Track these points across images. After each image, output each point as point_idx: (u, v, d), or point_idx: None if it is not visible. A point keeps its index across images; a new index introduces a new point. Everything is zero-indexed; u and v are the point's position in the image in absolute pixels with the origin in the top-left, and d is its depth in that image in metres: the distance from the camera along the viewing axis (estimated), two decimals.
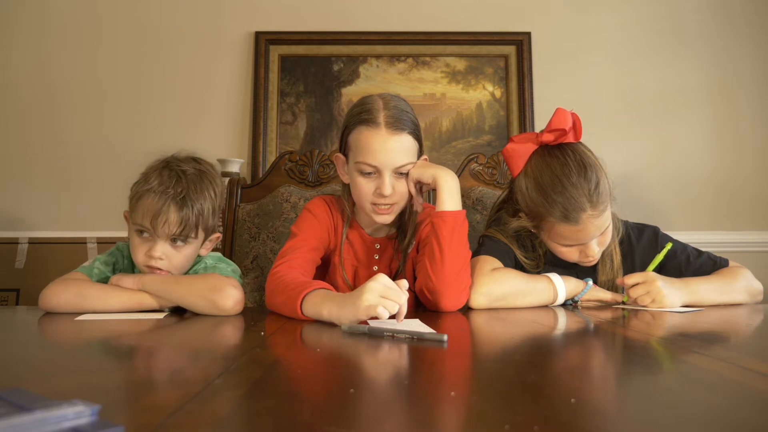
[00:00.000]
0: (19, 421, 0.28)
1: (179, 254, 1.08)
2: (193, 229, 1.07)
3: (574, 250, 1.12)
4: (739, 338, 0.76)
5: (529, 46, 2.24)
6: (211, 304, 0.96)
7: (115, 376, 0.51)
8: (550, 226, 1.09)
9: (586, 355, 0.63)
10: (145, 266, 1.07)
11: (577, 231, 1.06)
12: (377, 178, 1.07)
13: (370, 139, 1.05)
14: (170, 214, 1.04)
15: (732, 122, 2.23)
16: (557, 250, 1.14)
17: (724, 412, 0.37)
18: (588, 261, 1.13)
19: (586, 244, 1.10)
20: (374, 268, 1.19)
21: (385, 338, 0.68)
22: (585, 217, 1.04)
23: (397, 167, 1.06)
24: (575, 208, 1.04)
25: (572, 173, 1.05)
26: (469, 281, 1.05)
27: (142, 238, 1.08)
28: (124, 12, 2.26)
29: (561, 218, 1.05)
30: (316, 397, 0.42)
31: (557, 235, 1.10)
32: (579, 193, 1.04)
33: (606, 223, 1.09)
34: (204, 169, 1.14)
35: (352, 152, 1.10)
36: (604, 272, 1.20)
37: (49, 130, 2.20)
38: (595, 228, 1.06)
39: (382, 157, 1.05)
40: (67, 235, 2.09)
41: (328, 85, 2.24)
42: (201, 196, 1.09)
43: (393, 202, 1.09)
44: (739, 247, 2.13)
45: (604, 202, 1.06)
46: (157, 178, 1.09)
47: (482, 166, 1.81)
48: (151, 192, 1.06)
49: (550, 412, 0.37)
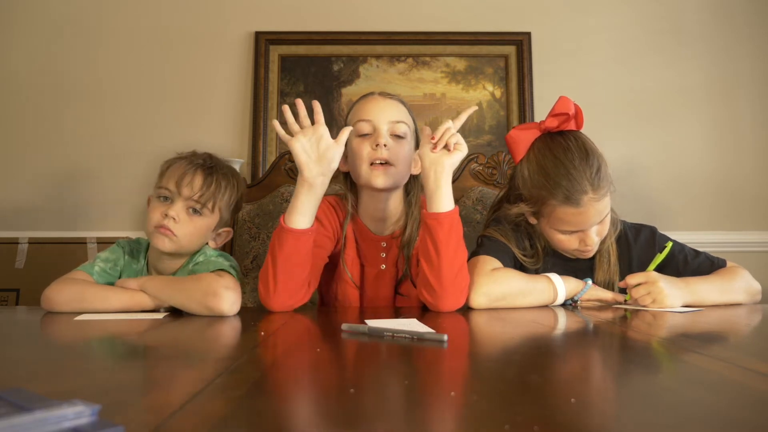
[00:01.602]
0: (19, 421, 0.28)
1: (191, 223, 1.11)
2: (211, 199, 1.12)
3: (573, 239, 1.12)
4: (739, 338, 0.76)
5: (529, 46, 2.24)
6: (207, 309, 0.97)
7: (115, 376, 0.51)
8: (551, 210, 1.09)
9: (586, 355, 0.63)
10: (156, 227, 1.09)
11: (577, 214, 1.06)
12: (373, 139, 1.11)
13: (365, 104, 1.15)
14: (195, 178, 1.12)
15: (732, 122, 2.23)
16: (556, 239, 1.14)
17: (724, 412, 0.37)
18: (586, 250, 1.13)
19: (585, 232, 1.10)
20: (381, 266, 1.19)
21: (385, 338, 0.68)
22: (586, 199, 1.05)
23: (392, 120, 1.11)
24: (577, 190, 1.05)
25: (575, 157, 1.07)
26: (467, 281, 1.05)
27: (161, 203, 1.12)
28: (124, 12, 2.26)
29: (563, 200, 1.06)
30: (316, 397, 0.42)
31: (557, 220, 1.09)
32: (581, 176, 1.05)
33: (606, 209, 1.09)
34: (234, 170, 1.23)
35: (351, 124, 1.15)
36: (601, 269, 1.19)
37: (49, 129, 2.20)
38: (595, 212, 1.07)
39: (377, 111, 1.12)
40: (67, 235, 2.09)
41: (328, 85, 2.24)
42: (226, 179, 1.17)
43: (389, 160, 1.10)
44: (739, 247, 2.13)
45: (605, 186, 1.07)
46: (189, 153, 1.19)
47: (482, 166, 1.81)
48: (182, 159, 1.16)
49: (550, 412, 0.37)
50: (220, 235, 1.20)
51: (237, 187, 1.19)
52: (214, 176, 1.14)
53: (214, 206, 1.13)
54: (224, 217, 1.18)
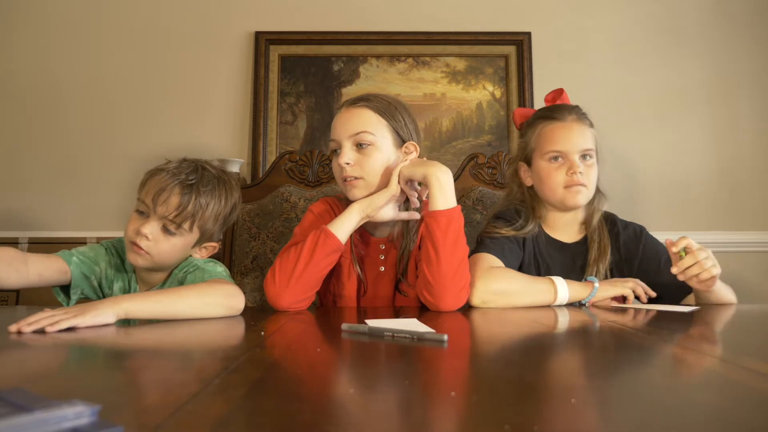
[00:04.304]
0: (19, 421, 0.28)
1: (166, 242, 1.06)
2: (188, 219, 1.06)
3: (561, 170, 1.20)
4: (739, 338, 0.76)
5: (529, 46, 2.24)
6: (230, 309, 0.94)
7: (115, 376, 0.51)
8: (539, 135, 1.23)
9: (586, 355, 0.63)
10: (130, 242, 1.06)
11: (562, 128, 1.20)
12: (340, 157, 1.12)
13: (335, 120, 1.16)
14: (172, 196, 1.04)
15: (732, 122, 2.23)
16: (545, 174, 1.21)
17: (725, 413, 0.37)
18: (573, 183, 1.19)
19: (571, 160, 1.19)
20: (381, 269, 1.19)
21: (385, 338, 0.68)
22: (571, 118, 1.21)
23: (353, 134, 1.11)
24: (562, 110, 1.23)
25: (563, 105, 1.26)
26: (467, 279, 1.04)
27: (139, 215, 1.07)
28: (124, 12, 2.26)
29: (549, 117, 1.23)
30: (316, 397, 0.42)
31: (545, 141, 1.21)
32: (565, 106, 1.25)
33: (589, 144, 1.21)
34: (225, 178, 1.14)
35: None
36: (593, 248, 1.22)
37: (49, 130, 2.20)
38: (579, 133, 1.20)
39: (338, 128, 1.14)
40: (67, 235, 2.09)
41: (328, 85, 2.24)
42: (210, 195, 1.09)
43: (357, 175, 1.11)
44: (739, 247, 2.13)
45: (587, 121, 1.24)
46: (176, 163, 1.11)
47: (482, 166, 1.81)
48: (164, 171, 1.08)
49: (550, 412, 0.37)
50: (206, 248, 1.15)
51: (226, 199, 1.12)
52: (193, 194, 1.05)
53: (192, 225, 1.07)
54: (209, 231, 1.12)
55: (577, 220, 1.27)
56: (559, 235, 1.27)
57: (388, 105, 1.15)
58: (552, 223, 1.27)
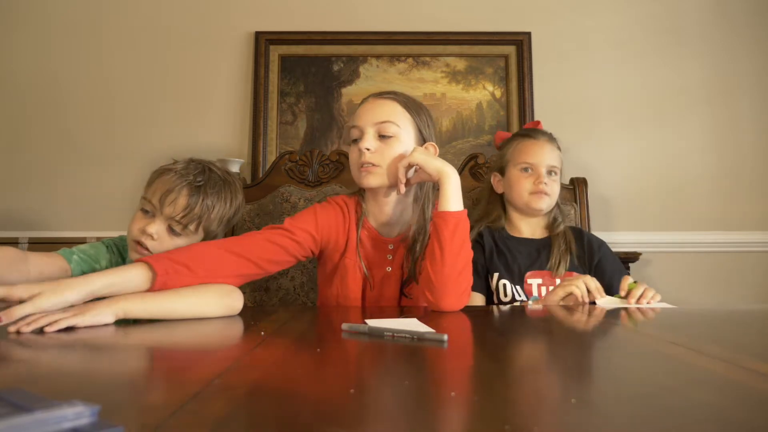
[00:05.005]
0: (19, 421, 0.28)
1: (170, 242, 1.06)
2: (195, 221, 1.06)
3: (529, 179, 1.35)
4: (739, 338, 0.76)
5: (529, 46, 2.24)
6: (229, 309, 0.94)
7: (115, 376, 0.51)
8: (513, 150, 1.39)
9: (586, 355, 0.63)
10: (134, 241, 1.05)
11: (534, 145, 1.37)
12: (360, 143, 1.12)
13: (358, 108, 1.17)
14: (180, 197, 1.05)
15: (732, 122, 2.23)
16: (514, 181, 1.37)
17: (725, 413, 0.37)
18: (538, 191, 1.34)
19: (539, 172, 1.34)
20: (387, 269, 1.19)
21: (385, 338, 0.68)
22: (543, 139, 1.38)
23: (378, 122, 1.11)
24: (537, 131, 1.41)
25: (537, 130, 1.43)
26: (470, 282, 1.05)
27: (144, 214, 1.07)
28: (124, 12, 2.26)
29: (523, 136, 1.41)
30: (316, 397, 0.42)
31: (518, 153, 1.38)
32: (539, 130, 1.42)
33: (556, 163, 1.37)
34: (231, 180, 1.15)
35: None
36: (556, 245, 1.34)
37: (49, 129, 2.20)
38: (549, 151, 1.37)
39: (363, 115, 1.14)
40: (67, 235, 2.09)
41: (328, 85, 2.24)
42: (216, 197, 1.10)
43: (375, 162, 1.11)
44: (739, 247, 2.13)
45: (558, 148, 1.40)
46: (183, 164, 1.11)
47: (482, 166, 1.81)
48: (171, 172, 1.08)
49: (550, 412, 0.37)
50: None
51: (231, 200, 1.13)
52: (201, 196, 1.06)
53: (198, 226, 1.08)
54: (212, 232, 1.13)
55: (540, 225, 1.42)
56: (523, 235, 1.41)
57: (414, 102, 1.18)
58: (516, 225, 1.41)
